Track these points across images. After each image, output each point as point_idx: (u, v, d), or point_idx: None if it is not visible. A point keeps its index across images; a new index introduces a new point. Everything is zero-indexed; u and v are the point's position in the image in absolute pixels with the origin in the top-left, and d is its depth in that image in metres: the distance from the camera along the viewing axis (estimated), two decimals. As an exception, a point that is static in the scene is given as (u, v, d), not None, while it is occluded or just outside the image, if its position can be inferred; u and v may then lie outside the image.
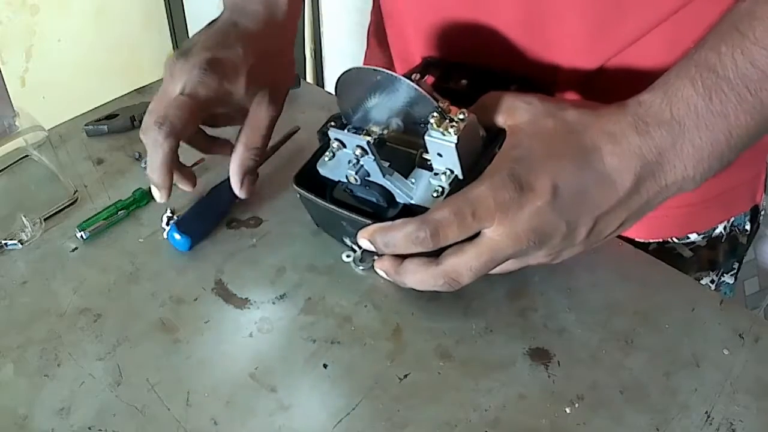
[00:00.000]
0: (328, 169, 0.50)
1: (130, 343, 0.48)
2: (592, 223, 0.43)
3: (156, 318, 0.50)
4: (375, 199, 0.48)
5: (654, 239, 0.65)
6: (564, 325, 0.49)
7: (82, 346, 0.48)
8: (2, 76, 0.58)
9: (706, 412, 0.44)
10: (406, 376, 0.46)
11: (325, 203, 0.50)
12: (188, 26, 1.97)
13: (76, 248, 0.55)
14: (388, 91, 0.45)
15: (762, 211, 0.70)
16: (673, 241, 0.66)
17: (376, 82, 0.45)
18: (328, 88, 0.81)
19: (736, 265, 0.72)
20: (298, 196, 0.51)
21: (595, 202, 0.42)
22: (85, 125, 0.67)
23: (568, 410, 0.44)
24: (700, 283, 0.67)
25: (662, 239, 0.66)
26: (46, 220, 0.57)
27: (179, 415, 0.43)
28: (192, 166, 0.60)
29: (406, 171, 0.48)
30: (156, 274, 0.53)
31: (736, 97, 0.40)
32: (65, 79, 1.72)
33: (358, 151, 0.46)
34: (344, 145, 0.47)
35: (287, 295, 0.51)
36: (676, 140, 0.41)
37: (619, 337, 0.48)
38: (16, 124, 0.59)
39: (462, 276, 0.43)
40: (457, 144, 0.43)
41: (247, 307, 0.51)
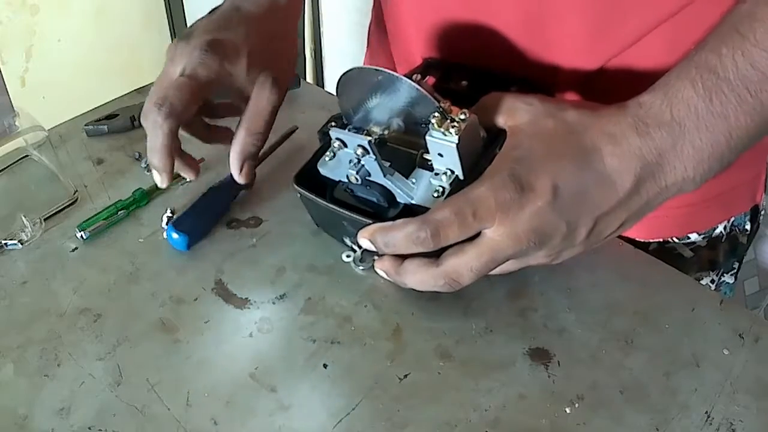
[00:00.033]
0: (329, 169, 0.50)
1: (130, 343, 0.48)
2: (592, 223, 0.43)
3: (156, 318, 0.50)
4: (375, 199, 0.48)
5: (654, 239, 0.66)
6: (564, 325, 0.49)
7: (82, 346, 0.48)
8: (2, 76, 0.58)
9: (706, 412, 0.44)
10: (406, 376, 0.46)
11: (325, 203, 0.50)
12: (188, 26, 1.97)
13: (76, 248, 0.55)
14: (390, 91, 0.45)
15: (762, 211, 0.70)
16: (674, 241, 0.66)
17: (378, 82, 0.45)
18: (328, 88, 0.81)
19: (736, 265, 0.72)
20: (299, 195, 0.51)
21: (595, 203, 0.42)
22: (85, 125, 0.67)
23: (568, 410, 0.44)
24: (701, 283, 0.67)
25: (662, 239, 0.66)
26: (46, 220, 0.57)
27: (179, 415, 0.43)
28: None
29: (407, 171, 0.48)
30: (156, 274, 0.53)
31: (736, 98, 0.40)
32: (65, 79, 1.72)
33: (360, 151, 0.46)
34: (345, 145, 0.47)
35: (287, 295, 0.51)
36: (677, 141, 0.41)
37: (619, 337, 0.48)
38: (16, 124, 0.59)
39: (462, 276, 0.43)
40: (458, 144, 0.43)
41: (247, 307, 0.51)
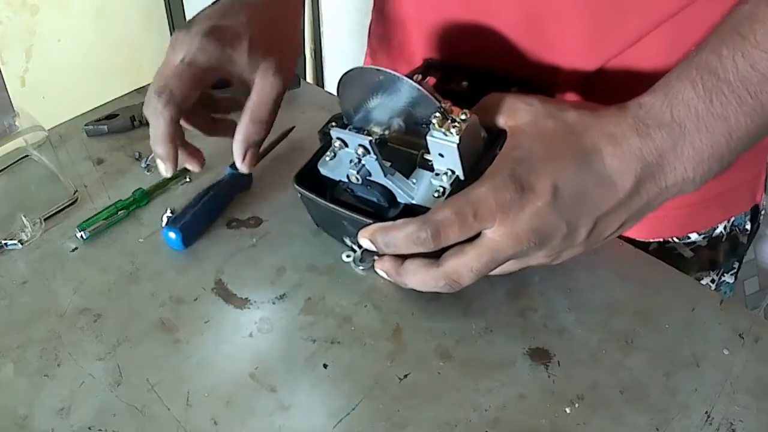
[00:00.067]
0: (329, 169, 0.50)
1: (130, 343, 0.48)
2: (592, 224, 0.43)
3: (156, 318, 0.50)
4: (376, 199, 0.48)
5: (654, 239, 0.66)
6: (564, 325, 0.49)
7: (82, 346, 0.48)
8: (2, 76, 0.58)
9: (706, 412, 0.44)
10: (406, 376, 0.46)
11: (325, 203, 0.50)
12: (189, 21, 1.98)
13: (76, 248, 0.55)
14: (391, 91, 0.45)
15: (762, 211, 0.70)
16: (674, 240, 0.66)
17: (379, 82, 0.45)
18: (328, 88, 0.81)
19: (736, 265, 0.72)
20: (299, 195, 0.51)
21: (595, 203, 0.42)
22: (85, 125, 0.67)
23: (568, 410, 0.44)
24: (701, 282, 0.67)
25: (662, 239, 0.66)
26: (46, 220, 0.57)
27: (179, 415, 0.43)
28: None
29: (408, 171, 0.48)
30: (156, 274, 0.53)
31: (736, 99, 0.40)
32: (65, 79, 1.72)
33: (360, 151, 0.46)
34: (346, 145, 0.47)
35: (287, 295, 0.51)
36: (677, 142, 0.41)
37: (619, 337, 0.48)
38: (16, 124, 0.59)
39: (463, 277, 0.43)
40: (458, 144, 0.43)
41: (247, 307, 0.51)
